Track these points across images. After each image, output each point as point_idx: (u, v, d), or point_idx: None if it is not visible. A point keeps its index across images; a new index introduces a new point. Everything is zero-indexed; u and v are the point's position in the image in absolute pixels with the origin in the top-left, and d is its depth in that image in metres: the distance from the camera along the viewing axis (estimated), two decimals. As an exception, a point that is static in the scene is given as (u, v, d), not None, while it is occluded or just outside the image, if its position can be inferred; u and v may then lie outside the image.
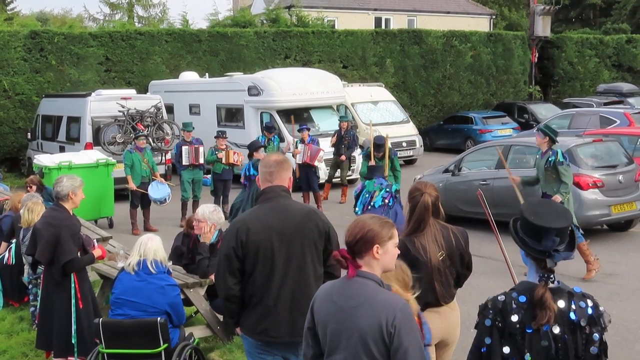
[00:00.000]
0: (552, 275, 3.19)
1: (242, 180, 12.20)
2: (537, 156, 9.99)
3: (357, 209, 9.34)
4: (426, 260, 4.66)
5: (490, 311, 3.26)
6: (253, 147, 12.60)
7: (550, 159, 9.52)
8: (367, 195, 9.20)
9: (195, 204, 14.18)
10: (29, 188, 10.74)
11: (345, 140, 16.12)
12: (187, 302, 6.98)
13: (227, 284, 4.42)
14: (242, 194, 11.88)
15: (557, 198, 9.32)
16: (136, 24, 41.12)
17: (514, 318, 3.19)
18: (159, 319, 5.72)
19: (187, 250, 7.67)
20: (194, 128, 14.94)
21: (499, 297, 3.28)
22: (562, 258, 3.19)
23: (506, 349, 3.21)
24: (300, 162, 15.28)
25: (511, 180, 10.07)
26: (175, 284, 6.23)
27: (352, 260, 3.33)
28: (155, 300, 5.91)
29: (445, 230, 4.81)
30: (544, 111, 25.52)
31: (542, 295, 3.13)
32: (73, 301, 6.41)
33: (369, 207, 9.09)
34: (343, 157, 16.42)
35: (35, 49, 21.70)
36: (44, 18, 45.27)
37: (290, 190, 4.64)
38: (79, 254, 6.52)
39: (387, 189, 9.25)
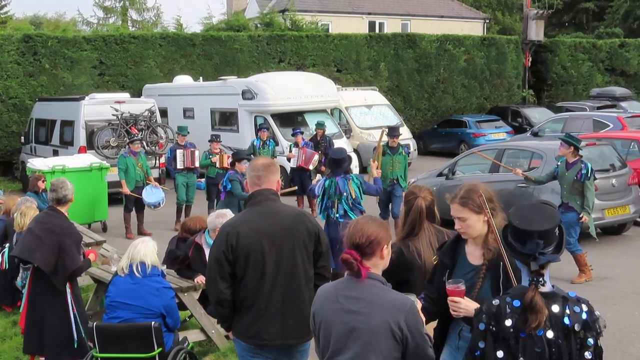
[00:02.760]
0: (541, 279, 3.19)
1: (220, 186, 11.56)
2: (560, 164, 9.82)
3: (319, 214, 9.07)
4: (420, 264, 4.66)
5: (484, 315, 3.27)
6: (236, 157, 11.55)
7: (582, 172, 9.44)
8: (328, 203, 9.00)
9: (188, 209, 14.18)
10: (40, 182, 10.99)
11: (322, 145, 16.00)
12: (181, 306, 6.96)
13: (218, 288, 4.42)
14: (221, 204, 11.10)
15: (585, 219, 9.36)
16: (130, 27, 41.15)
17: (508, 322, 3.19)
18: (153, 323, 5.71)
19: (184, 256, 7.54)
20: (189, 132, 14.88)
21: (493, 302, 3.29)
22: (547, 260, 3.18)
23: (500, 354, 3.21)
24: (295, 166, 15.25)
25: (516, 173, 10.33)
26: (169, 287, 6.22)
27: (361, 262, 3.36)
28: (151, 303, 5.89)
29: (440, 234, 4.80)
30: (538, 115, 25.58)
31: (531, 299, 3.14)
32: (70, 306, 6.37)
33: (332, 217, 8.89)
34: (323, 168, 16.30)
35: (28, 52, 21.65)
36: (37, 22, 45.22)
37: (279, 193, 4.66)
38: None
39: (348, 200, 8.86)
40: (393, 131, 12.43)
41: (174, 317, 6.10)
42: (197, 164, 14.45)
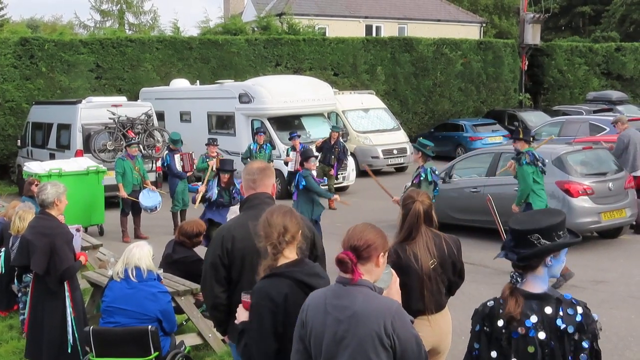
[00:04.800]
0: (514, 274, 3.28)
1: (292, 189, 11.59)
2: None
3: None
4: (417, 268, 4.67)
5: (479, 316, 3.35)
6: (305, 156, 11.27)
7: (421, 177, 9.54)
8: None
9: (183, 213, 14.16)
10: (33, 187, 10.99)
11: (335, 150, 16.07)
12: (178, 310, 6.96)
13: (213, 292, 4.41)
14: (295, 204, 10.93)
15: None
16: (127, 31, 41.13)
17: (500, 323, 3.24)
18: (149, 327, 5.70)
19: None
20: (183, 144, 14.72)
21: (487, 303, 3.37)
22: (502, 256, 3.34)
23: (493, 354, 3.27)
24: (292, 170, 15.24)
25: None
26: (166, 291, 6.22)
27: (356, 265, 3.35)
28: (146, 308, 5.89)
29: (437, 238, 4.81)
30: (534, 118, 25.62)
31: (503, 291, 3.28)
32: (69, 310, 6.37)
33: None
34: (332, 172, 16.38)
35: (25, 55, 21.64)
36: (34, 25, 45.23)
37: (274, 196, 4.66)
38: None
39: None
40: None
41: (171, 321, 6.10)
42: (195, 167, 14.42)
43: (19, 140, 20.18)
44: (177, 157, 14.18)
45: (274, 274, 3.74)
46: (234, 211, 7.49)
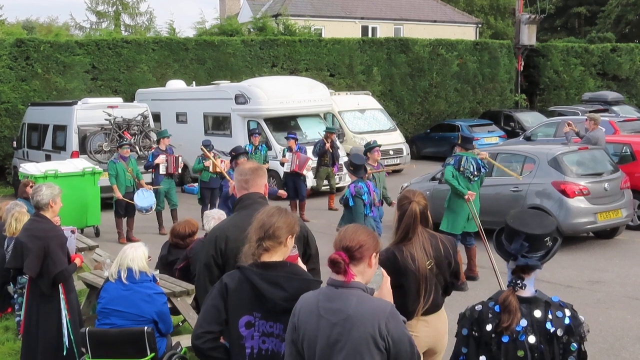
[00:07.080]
0: (519, 282, 3.23)
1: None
2: None
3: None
4: (414, 269, 4.66)
5: (467, 320, 3.32)
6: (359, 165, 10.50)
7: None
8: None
9: (174, 212, 14.16)
10: (28, 188, 10.95)
11: (332, 150, 16.09)
12: (174, 310, 6.95)
13: (208, 293, 4.41)
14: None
15: None
16: (123, 32, 41.07)
17: (489, 327, 3.23)
18: (146, 328, 5.69)
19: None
20: (170, 135, 14.77)
21: (476, 307, 3.34)
22: (525, 263, 3.23)
23: (482, 358, 3.24)
24: (289, 171, 15.24)
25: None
26: (162, 292, 6.20)
27: (349, 265, 3.35)
28: (142, 309, 5.88)
29: (433, 238, 4.81)
30: (530, 119, 25.66)
31: (504, 299, 3.21)
32: (64, 312, 6.34)
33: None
34: (335, 169, 16.41)
35: (21, 57, 21.60)
36: (30, 26, 45.08)
37: (267, 196, 4.66)
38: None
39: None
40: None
41: (167, 323, 6.09)
42: (179, 170, 14.37)
43: (14, 142, 20.14)
44: (162, 157, 14.10)
45: (239, 267, 3.77)
46: (211, 216, 7.47)
